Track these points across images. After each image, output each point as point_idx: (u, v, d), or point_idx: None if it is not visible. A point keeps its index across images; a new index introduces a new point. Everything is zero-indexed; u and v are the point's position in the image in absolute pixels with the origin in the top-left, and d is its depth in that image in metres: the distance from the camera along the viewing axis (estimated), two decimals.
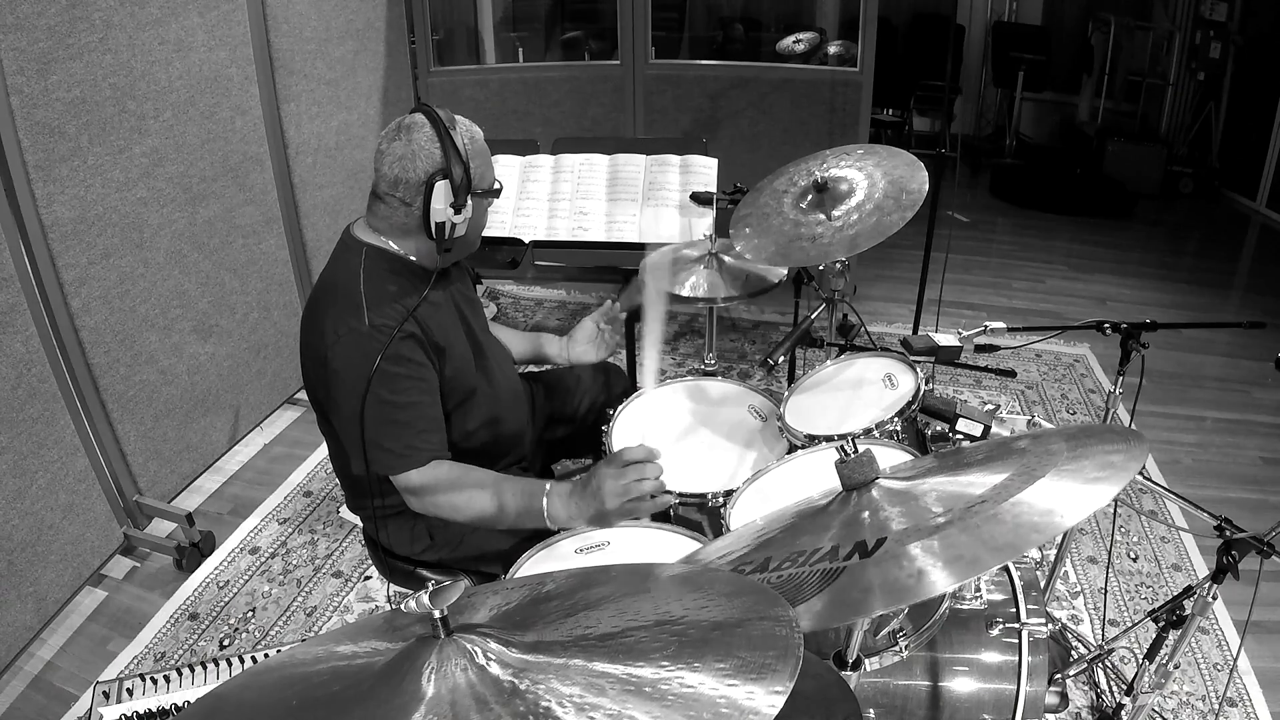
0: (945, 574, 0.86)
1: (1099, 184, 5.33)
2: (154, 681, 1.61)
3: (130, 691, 1.59)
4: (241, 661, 1.67)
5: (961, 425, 1.72)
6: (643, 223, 2.52)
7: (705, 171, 2.53)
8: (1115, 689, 1.93)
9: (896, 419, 1.76)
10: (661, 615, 0.83)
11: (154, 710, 1.56)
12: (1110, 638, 2.01)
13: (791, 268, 2.27)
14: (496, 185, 1.53)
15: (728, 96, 3.68)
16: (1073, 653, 1.95)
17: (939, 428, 1.83)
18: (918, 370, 1.88)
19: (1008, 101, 5.95)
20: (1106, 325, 1.74)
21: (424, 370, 1.47)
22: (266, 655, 1.65)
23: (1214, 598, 1.44)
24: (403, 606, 0.80)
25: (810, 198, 1.98)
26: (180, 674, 1.63)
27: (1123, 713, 1.67)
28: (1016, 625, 1.33)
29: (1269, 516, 1.51)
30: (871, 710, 1.35)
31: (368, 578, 2.40)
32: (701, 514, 1.73)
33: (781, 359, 1.89)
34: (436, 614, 0.78)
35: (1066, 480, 0.96)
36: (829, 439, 1.74)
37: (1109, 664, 1.98)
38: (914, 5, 6.02)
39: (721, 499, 1.69)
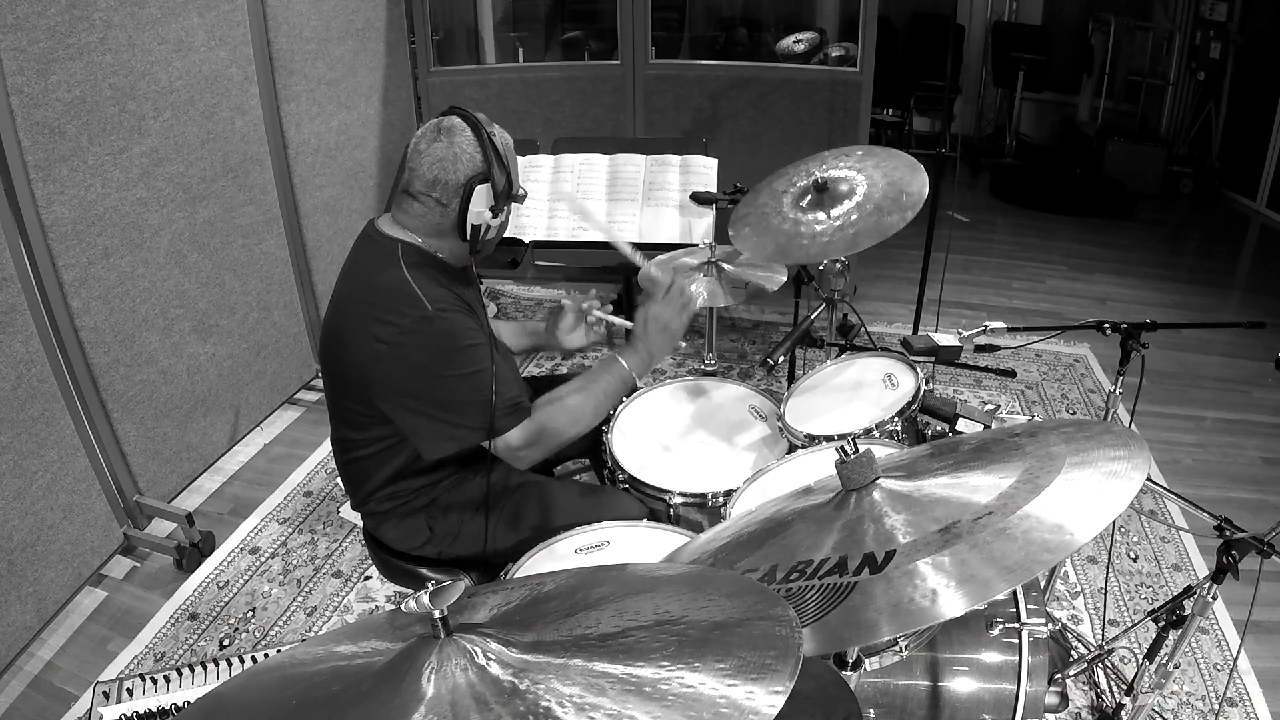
0: (959, 596, 0.86)
1: (1099, 184, 5.32)
2: (154, 681, 1.61)
3: (130, 691, 1.59)
4: (241, 661, 1.68)
5: (961, 425, 1.72)
6: (643, 223, 2.52)
7: (705, 171, 2.53)
8: (1115, 689, 1.93)
9: (896, 419, 1.76)
10: (661, 615, 0.83)
11: (154, 710, 1.56)
12: (1110, 638, 2.01)
13: (791, 268, 2.27)
14: (521, 191, 1.55)
15: (728, 96, 3.68)
16: (1073, 653, 1.95)
17: (939, 428, 1.83)
18: (918, 370, 1.89)
19: (1008, 101, 5.95)
20: (1106, 325, 1.74)
21: (485, 335, 1.50)
22: (266, 655, 1.66)
23: (1214, 598, 1.44)
24: (403, 606, 0.80)
25: (810, 198, 1.98)
26: (180, 674, 1.63)
27: (1123, 713, 1.67)
28: (1016, 625, 1.33)
29: (1269, 516, 1.51)
30: (871, 710, 1.35)
31: (368, 578, 2.40)
32: (702, 514, 1.73)
33: (781, 359, 1.89)
34: (436, 614, 0.78)
35: (1072, 487, 0.95)
36: (829, 439, 1.74)
37: (1109, 664, 1.98)
38: (914, 5, 6.02)
39: (721, 499, 1.69)
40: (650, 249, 2.38)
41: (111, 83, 2.21)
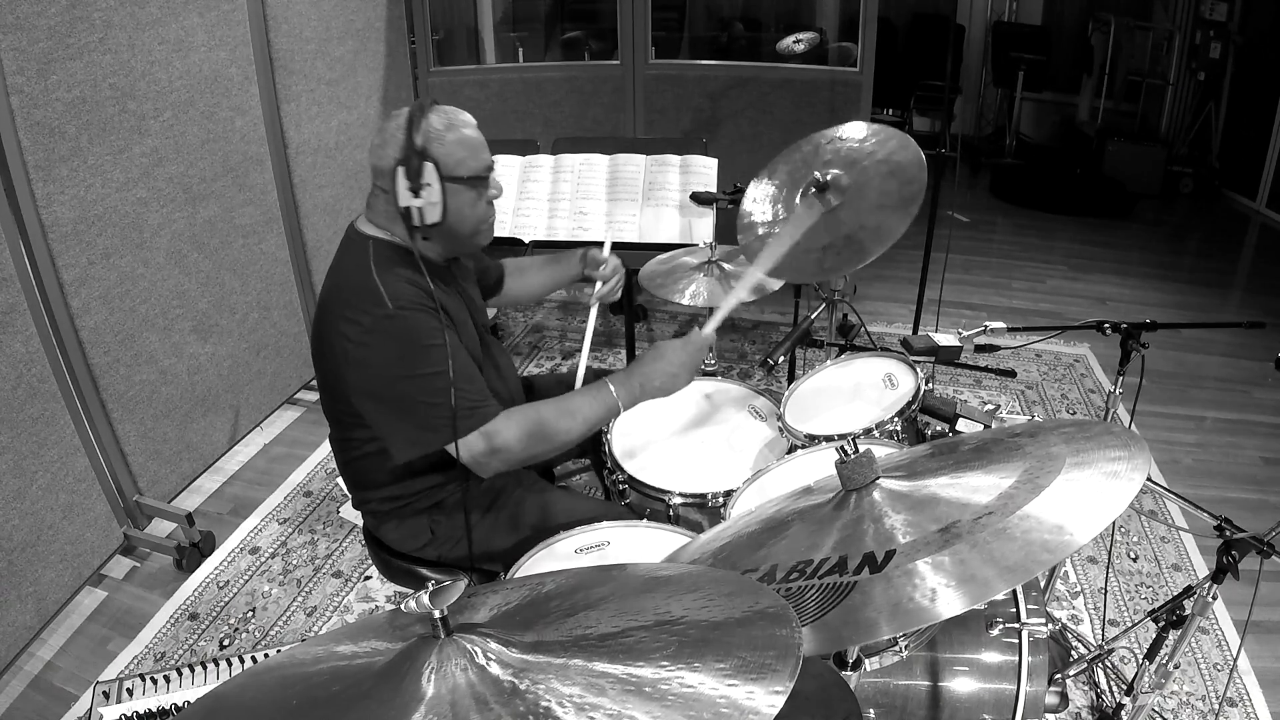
0: (958, 595, 0.85)
1: (1099, 184, 5.32)
2: (154, 681, 1.61)
3: (130, 691, 1.59)
4: (241, 661, 1.68)
5: (961, 425, 1.72)
6: (643, 223, 2.52)
7: (705, 171, 2.53)
8: (1115, 689, 1.93)
9: (896, 419, 1.76)
10: (661, 615, 0.83)
11: (154, 710, 1.56)
12: (1110, 638, 2.01)
13: None
14: (482, 175, 1.48)
15: (728, 96, 3.68)
16: (1073, 653, 1.95)
17: (939, 428, 1.83)
18: (918, 370, 1.88)
19: (1008, 101, 5.95)
20: (1106, 325, 1.74)
21: (449, 334, 1.45)
22: (266, 655, 1.66)
23: (1214, 598, 1.44)
24: (403, 606, 0.80)
25: (810, 194, 1.97)
26: (180, 674, 1.63)
27: (1123, 713, 1.67)
28: (1016, 625, 1.33)
29: (1269, 516, 1.51)
30: (871, 710, 1.35)
31: (368, 578, 2.40)
32: (702, 514, 1.73)
33: (781, 359, 1.89)
34: (436, 614, 0.78)
35: (1072, 488, 0.95)
36: (829, 439, 1.74)
37: (1109, 664, 1.98)
38: (914, 5, 6.02)
39: (721, 499, 1.69)
40: (650, 249, 2.39)
41: (111, 83, 2.21)
